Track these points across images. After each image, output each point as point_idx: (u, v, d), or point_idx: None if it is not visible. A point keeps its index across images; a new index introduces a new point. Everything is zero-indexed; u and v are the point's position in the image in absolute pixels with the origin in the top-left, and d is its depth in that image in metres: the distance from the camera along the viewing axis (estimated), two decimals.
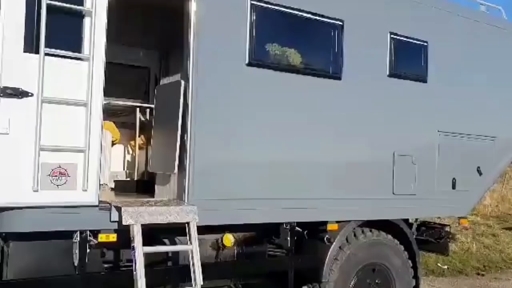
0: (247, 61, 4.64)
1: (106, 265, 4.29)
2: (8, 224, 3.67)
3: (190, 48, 4.30)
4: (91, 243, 3.93)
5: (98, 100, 3.88)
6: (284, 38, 4.98)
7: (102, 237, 3.94)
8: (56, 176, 3.69)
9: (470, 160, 6.43)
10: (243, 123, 4.63)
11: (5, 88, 3.52)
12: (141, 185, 5.76)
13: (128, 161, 6.51)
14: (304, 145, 5.01)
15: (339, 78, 5.28)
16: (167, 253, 4.52)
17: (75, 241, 3.87)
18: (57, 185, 3.69)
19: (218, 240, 4.76)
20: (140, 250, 3.71)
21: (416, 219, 6.46)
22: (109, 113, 5.85)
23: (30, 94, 3.60)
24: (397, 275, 5.86)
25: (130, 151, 6.46)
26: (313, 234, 5.38)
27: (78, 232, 3.88)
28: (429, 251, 6.93)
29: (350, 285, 5.49)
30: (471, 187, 6.43)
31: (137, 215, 3.80)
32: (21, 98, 3.57)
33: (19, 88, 3.57)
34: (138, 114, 5.91)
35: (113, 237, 3.98)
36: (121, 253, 4.30)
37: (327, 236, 5.32)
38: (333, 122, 5.22)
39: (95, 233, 3.96)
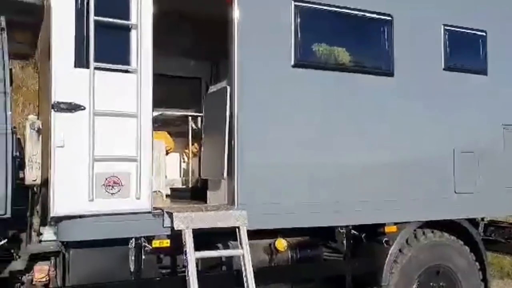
0: (293, 63, 4.60)
1: (162, 271, 4.38)
2: (66, 233, 3.84)
3: (234, 53, 4.33)
4: (146, 248, 4.03)
5: (148, 110, 3.99)
6: (330, 37, 4.90)
7: (156, 243, 4.03)
8: (110, 185, 3.82)
9: None
10: (292, 125, 4.59)
11: (59, 103, 3.69)
12: (196, 192, 5.86)
13: (184, 169, 6.66)
14: (358, 146, 4.90)
15: (392, 75, 5.12)
16: (221, 258, 4.56)
17: (130, 247, 3.99)
18: (111, 194, 3.82)
19: (271, 244, 4.73)
20: (192, 255, 3.76)
21: (483, 219, 6.11)
22: (163, 123, 6.02)
23: (82, 107, 3.76)
24: (463, 277, 5.56)
25: (186, 159, 6.60)
26: (371, 237, 5.25)
27: (134, 238, 3.99)
28: (498, 252, 6.53)
29: None
30: None
31: (188, 220, 3.86)
32: (74, 112, 3.74)
33: (71, 102, 3.73)
34: (190, 123, 6.02)
35: (166, 243, 4.06)
36: (176, 259, 4.37)
37: (385, 238, 5.15)
38: (387, 120, 5.07)
39: (149, 239, 4.05)
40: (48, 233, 4.26)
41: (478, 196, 5.55)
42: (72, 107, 3.73)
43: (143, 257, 4.02)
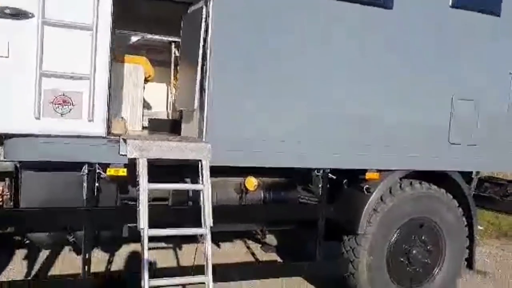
0: None
1: (120, 201, 4.15)
2: (13, 152, 3.57)
3: None
4: (102, 176, 3.77)
5: (106, 23, 3.59)
6: None
7: (111, 171, 3.76)
8: (59, 104, 3.50)
9: None
10: (270, 55, 4.14)
11: (4, 8, 3.32)
12: (176, 125, 5.54)
13: (170, 101, 6.32)
14: (342, 84, 4.46)
15: (390, 7, 4.59)
16: (188, 195, 4.30)
17: (83, 173, 3.73)
18: (61, 114, 3.51)
19: (241, 183, 4.45)
20: (144, 185, 3.49)
21: (478, 173, 5.74)
22: (146, 49, 5.63)
23: (30, 15, 3.38)
24: (448, 233, 5.26)
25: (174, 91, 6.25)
26: (353, 183, 4.94)
27: (87, 164, 3.72)
28: (492, 210, 6.19)
29: (391, 240, 4.99)
30: None
31: (143, 148, 3.56)
32: (21, 19, 3.37)
33: (18, 8, 3.35)
34: (173, 50, 5.62)
35: (123, 172, 3.78)
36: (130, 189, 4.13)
37: (366, 186, 4.83)
38: (379, 58, 4.59)
39: (106, 167, 3.79)
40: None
41: (475, 149, 5.15)
42: (19, 13, 3.36)
43: (97, 185, 3.76)
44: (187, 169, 4.12)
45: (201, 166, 3.72)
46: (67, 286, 4.08)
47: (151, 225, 3.50)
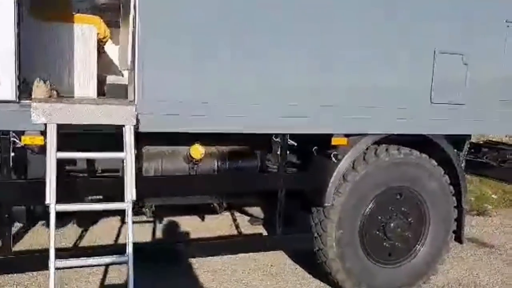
0: None
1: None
2: None
3: None
4: (17, 144, 3.40)
5: None
6: None
7: (26, 140, 3.37)
8: None
9: None
10: (206, 12, 3.62)
11: None
12: None
13: None
14: (299, 37, 3.86)
15: None
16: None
17: None
18: None
19: (187, 152, 4.02)
20: (52, 153, 3.10)
21: (470, 137, 5.13)
22: (102, 10, 5.18)
23: None
24: (433, 203, 4.73)
25: None
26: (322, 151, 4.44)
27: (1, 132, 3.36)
28: (489, 178, 5.58)
29: (365, 212, 4.49)
30: None
31: (53, 113, 3.15)
32: None
33: None
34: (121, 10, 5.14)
35: (40, 140, 3.39)
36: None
37: (334, 152, 4.32)
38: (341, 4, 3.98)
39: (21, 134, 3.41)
40: None
41: (462, 110, 4.55)
42: None
43: (12, 154, 3.40)
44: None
45: (124, 131, 3.29)
46: None
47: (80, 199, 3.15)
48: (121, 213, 6.16)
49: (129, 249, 3.12)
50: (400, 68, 4.23)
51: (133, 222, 6.05)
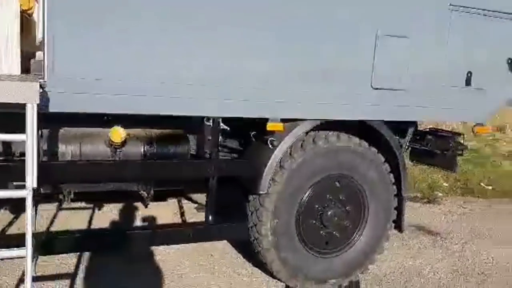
0: None
1: None
2: None
3: None
4: None
5: None
6: None
7: None
8: None
9: (498, 49, 4.73)
10: None
11: None
12: None
13: None
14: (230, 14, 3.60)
15: None
16: None
17: None
18: None
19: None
20: None
21: (415, 124, 5.01)
22: None
23: None
24: (371, 192, 4.60)
25: None
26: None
27: None
28: (432, 166, 5.50)
29: (302, 200, 4.32)
30: (495, 86, 4.79)
31: None
32: None
33: None
34: None
35: None
36: None
37: (271, 138, 4.11)
38: None
39: None
40: None
41: (404, 95, 4.39)
42: None
43: None
44: None
45: (26, 111, 2.97)
46: None
47: None
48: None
49: (28, 243, 2.83)
50: (339, 50, 4.02)
51: (67, 209, 5.87)
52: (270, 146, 4.11)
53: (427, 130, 5.50)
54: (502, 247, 6.03)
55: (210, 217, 4.05)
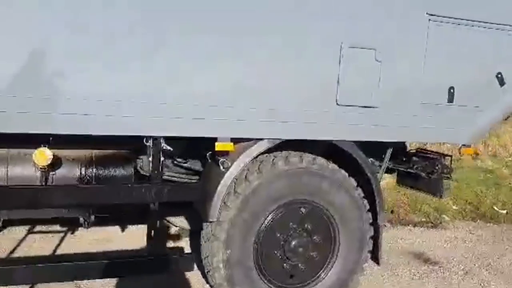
0: None
1: None
2: None
3: None
4: None
5: None
6: None
7: None
8: None
9: (485, 62, 4.26)
10: None
11: None
12: None
13: None
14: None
15: None
16: None
17: None
18: None
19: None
20: None
21: (394, 145, 4.55)
22: None
23: None
24: (342, 220, 4.15)
25: None
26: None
27: None
28: (417, 190, 4.99)
29: (260, 229, 3.91)
30: (483, 103, 4.31)
31: None
32: None
33: None
34: None
35: None
36: None
37: (222, 159, 3.74)
38: None
39: None
40: None
41: (375, 113, 3.96)
42: None
43: None
44: None
45: None
46: None
47: None
48: (31, 222, 5.62)
49: None
50: (299, 63, 3.63)
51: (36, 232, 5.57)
52: (222, 168, 3.73)
53: (414, 151, 5.03)
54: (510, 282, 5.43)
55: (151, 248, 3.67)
